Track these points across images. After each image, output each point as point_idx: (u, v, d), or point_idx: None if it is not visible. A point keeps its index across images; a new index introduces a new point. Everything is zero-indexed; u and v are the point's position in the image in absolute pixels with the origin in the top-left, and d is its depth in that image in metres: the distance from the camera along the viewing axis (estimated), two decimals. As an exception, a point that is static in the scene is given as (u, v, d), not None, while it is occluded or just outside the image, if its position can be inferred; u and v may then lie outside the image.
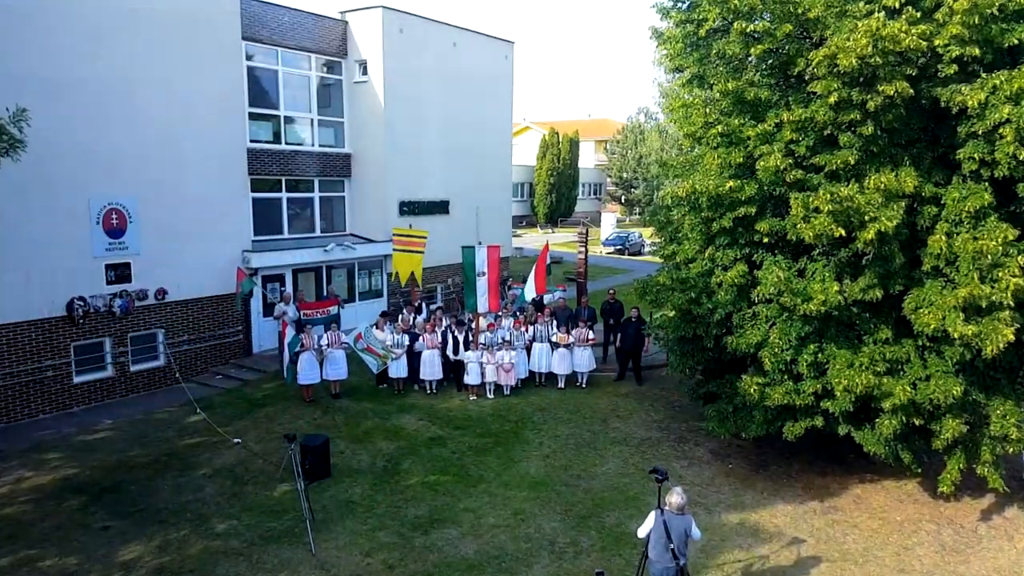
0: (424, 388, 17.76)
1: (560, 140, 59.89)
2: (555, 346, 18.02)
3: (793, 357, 11.42)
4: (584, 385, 18.26)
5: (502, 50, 27.70)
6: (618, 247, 46.82)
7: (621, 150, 69.86)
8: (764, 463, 14.05)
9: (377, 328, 17.88)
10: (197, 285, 18.52)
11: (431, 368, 17.49)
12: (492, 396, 17.46)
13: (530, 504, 12.26)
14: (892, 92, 9.82)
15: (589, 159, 73.86)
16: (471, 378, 17.29)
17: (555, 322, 18.55)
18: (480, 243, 17.92)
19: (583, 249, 21.58)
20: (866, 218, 10.07)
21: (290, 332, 16.26)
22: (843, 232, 10.10)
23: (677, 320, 12.86)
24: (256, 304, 19.93)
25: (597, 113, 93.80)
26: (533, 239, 51.36)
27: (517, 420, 16.04)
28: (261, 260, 19.63)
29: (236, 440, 14.55)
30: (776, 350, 11.40)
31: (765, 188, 11.73)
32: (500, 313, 18.94)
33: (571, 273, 32.33)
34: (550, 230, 58.35)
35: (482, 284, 17.71)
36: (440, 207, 25.29)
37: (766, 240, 11.91)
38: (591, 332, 18.22)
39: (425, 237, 19.64)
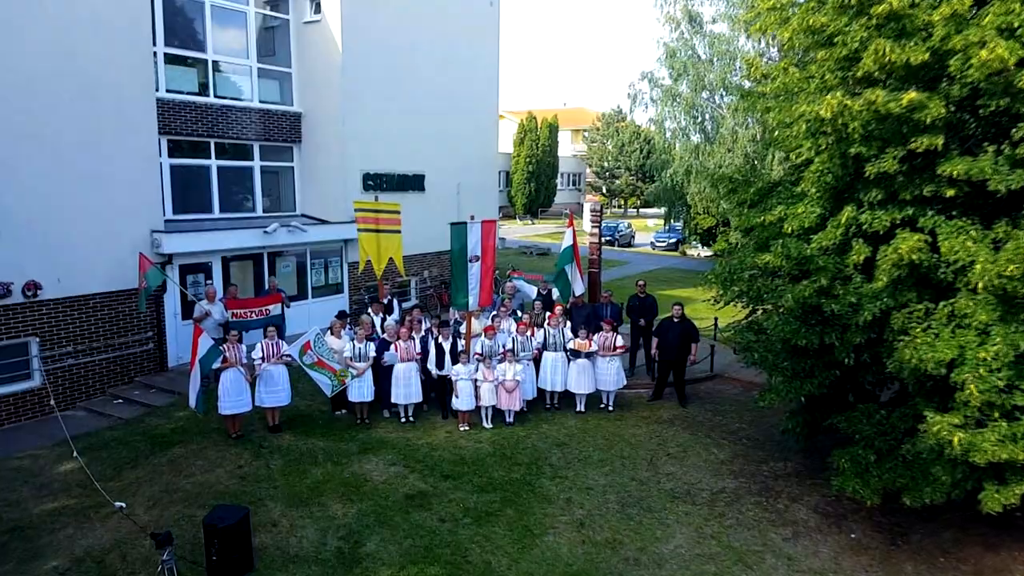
0: (398, 415, 13.08)
1: (539, 126, 55.45)
2: (572, 355, 13.42)
3: (1011, 382, 6.95)
4: (611, 408, 13.70)
5: (486, -7, 22.98)
6: (607, 238, 42.45)
7: (601, 138, 65.71)
8: (900, 529, 9.60)
9: (332, 334, 13.15)
10: (86, 278, 13.59)
11: (407, 388, 12.80)
12: (490, 425, 12.82)
13: (573, 620, 7.67)
14: None
15: (567, 149, 69.45)
16: (462, 402, 12.63)
17: (569, 323, 13.97)
18: (472, 217, 13.27)
19: (596, 231, 17.02)
20: None
21: (205, 341, 11.44)
22: None
23: (793, 323, 8.33)
24: (172, 303, 15.04)
25: (573, 102, 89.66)
26: (514, 230, 46.85)
27: (529, 462, 11.42)
28: (177, 244, 14.73)
29: (119, 504, 9.71)
30: (983, 371, 6.91)
31: (952, 109, 7.26)
32: (498, 313, 14.30)
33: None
34: (530, 221, 53.87)
35: (475, 273, 13.06)
36: (413, 182, 20.55)
37: (950, 194, 7.44)
38: (620, 337, 13.65)
39: (398, 211, 14.91)
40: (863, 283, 8.07)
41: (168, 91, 16.09)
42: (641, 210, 69.23)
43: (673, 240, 40.24)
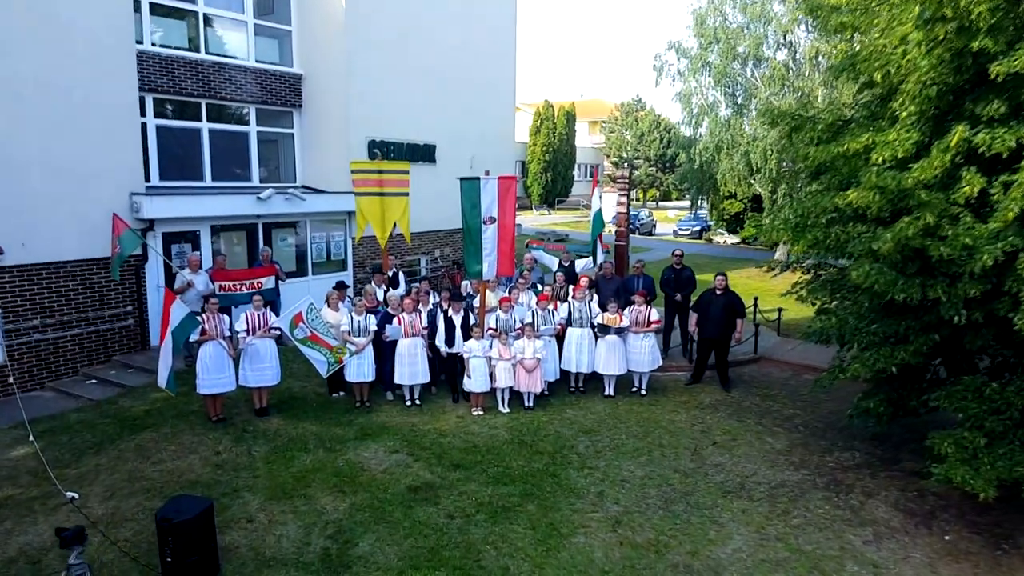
0: (402, 398, 11.54)
1: (555, 114, 53.79)
2: (600, 331, 11.81)
3: None
4: (644, 392, 12.09)
5: (503, -49, 21.34)
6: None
7: (620, 128, 63.94)
8: (1002, 531, 7.92)
9: (328, 306, 11.63)
10: (56, 243, 12.15)
11: (412, 367, 11.27)
12: (507, 410, 11.26)
13: (614, 643, 6.08)
14: None
15: (584, 140, 67.70)
16: (474, 382, 11.07)
17: (596, 297, 12.40)
18: (487, 173, 11.68)
19: (624, 200, 15.42)
20: None
21: (179, 310, 9.91)
22: None
23: (889, 273, 6.69)
24: (155, 274, 13.56)
25: (589, 94, 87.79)
26: (530, 220, 45.25)
27: (553, 451, 9.84)
28: (159, 208, 13.24)
29: (70, 494, 8.23)
30: None
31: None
32: (515, 285, 12.74)
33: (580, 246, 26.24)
34: (546, 212, 52.26)
35: (490, 236, 11.48)
36: (424, 153, 19.00)
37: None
38: (654, 311, 12.03)
39: (406, 171, 13.36)
40: (975, 222, 6.43)
41: (154, 45, 14.66)
42: (660, 203, 67.42)
43: (697, 228, 38.52)
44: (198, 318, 10.23)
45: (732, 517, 8.11)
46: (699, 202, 32.98)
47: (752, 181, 25.37)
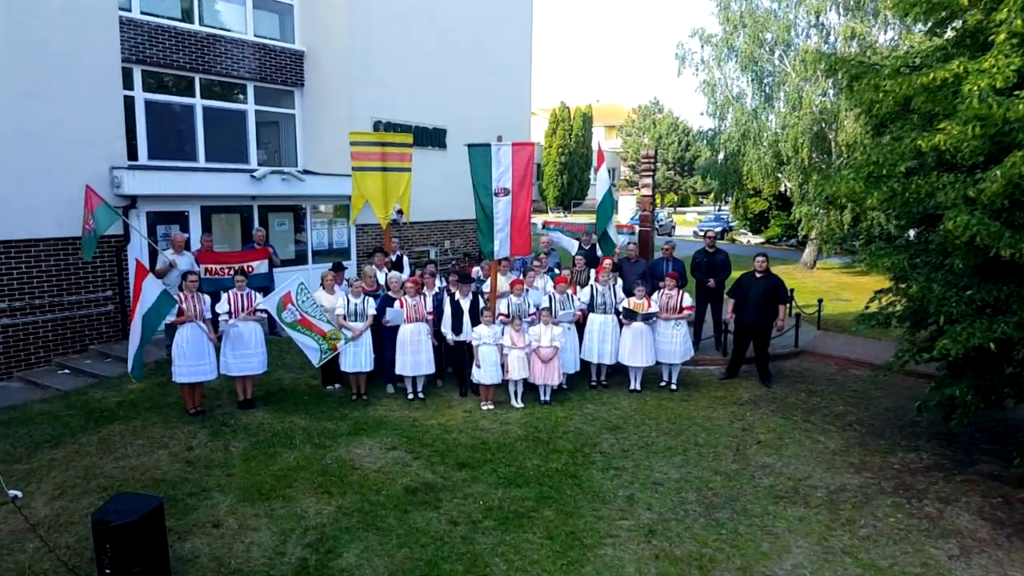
0: (404, 391, 10.33)
1: (572, 116, 52.68)
2: (626, 318, 10.55)
3: None
4: (675, 386, 10.81)
5: (517, -74, 20.22)
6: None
7: (637, 131, 62.75)
8: (1116, 546, 6.61)
9: (323, 288, 10.47)
10: (26, 219, 11.08)
11: (415, 356, 10.05)
12: (520, 404, 10.02)
13: None
14: None
15: (600, 145, 66.44)
16: (484, 373, 9.85)
17: (620, 281, 11.17)
18: (500, 137, 10.47)
19: (648, 181, 14.19)
20: None
21: (152, 287, 8.78)
22: None
23: (991, 224, 5.42)
24: (136, 254, 12.42)
25: (606, 99, 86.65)
26: (544, 220, 44.06)
27: (573, 449, 8.59)
28: (143, 183, 12.14)
29: (13, 492, 7.10)
30: None
31: None
32: (531, 268, 11.53)
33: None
34: (562, 214, 51.07)
35: (502, 209, 10.27)
36: (434, 137, 17.83)
37: None
38: (687, 295, 10.78)
39: (409, 144, 12.20)
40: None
41: (143, 13, 13.62)
42: (678, 208, 66.12)
43: (719, 228, 37.11)
44: (174, 296, 9.09)
45: (788, 526, 6.83)
46: (722, 198, 31.59)
47: (780, 175, 24.03)
